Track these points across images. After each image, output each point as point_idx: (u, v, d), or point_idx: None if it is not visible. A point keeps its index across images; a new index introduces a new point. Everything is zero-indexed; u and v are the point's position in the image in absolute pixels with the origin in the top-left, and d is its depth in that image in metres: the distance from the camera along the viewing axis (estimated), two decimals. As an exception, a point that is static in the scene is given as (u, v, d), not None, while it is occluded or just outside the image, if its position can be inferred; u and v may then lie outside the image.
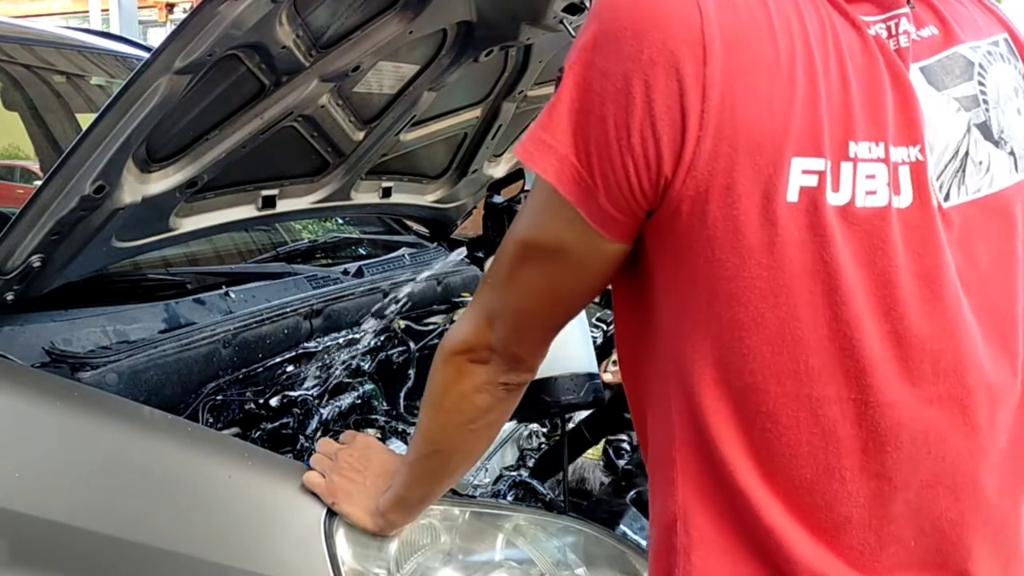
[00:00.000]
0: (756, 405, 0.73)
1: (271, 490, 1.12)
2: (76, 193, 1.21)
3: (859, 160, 0.70)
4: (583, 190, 0.73)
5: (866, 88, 0.72)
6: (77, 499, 1.13)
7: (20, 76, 2.29)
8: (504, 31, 1.66)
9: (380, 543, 1.08)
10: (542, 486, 1.48)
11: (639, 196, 0.72)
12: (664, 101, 0.68)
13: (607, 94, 0.70)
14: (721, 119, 0.68)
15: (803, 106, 0.69)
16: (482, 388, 0.89)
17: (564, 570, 1.15)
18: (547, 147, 0.74)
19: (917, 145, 0.72)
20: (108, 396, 1.24)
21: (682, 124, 0.68)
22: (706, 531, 0.76)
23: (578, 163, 0.73)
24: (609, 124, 0.70)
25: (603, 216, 0.74)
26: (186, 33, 1.14)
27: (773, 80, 0.69)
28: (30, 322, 1.34)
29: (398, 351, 1.93)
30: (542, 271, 0.81)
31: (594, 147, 0.72)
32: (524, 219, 0.82)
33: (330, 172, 1.88)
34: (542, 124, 0.74)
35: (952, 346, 0.73)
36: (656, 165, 0.70)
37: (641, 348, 0.83)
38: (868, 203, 0.70)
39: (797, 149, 0.68)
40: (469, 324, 0.89)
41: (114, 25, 11.15)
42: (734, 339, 0.72)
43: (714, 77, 0.67)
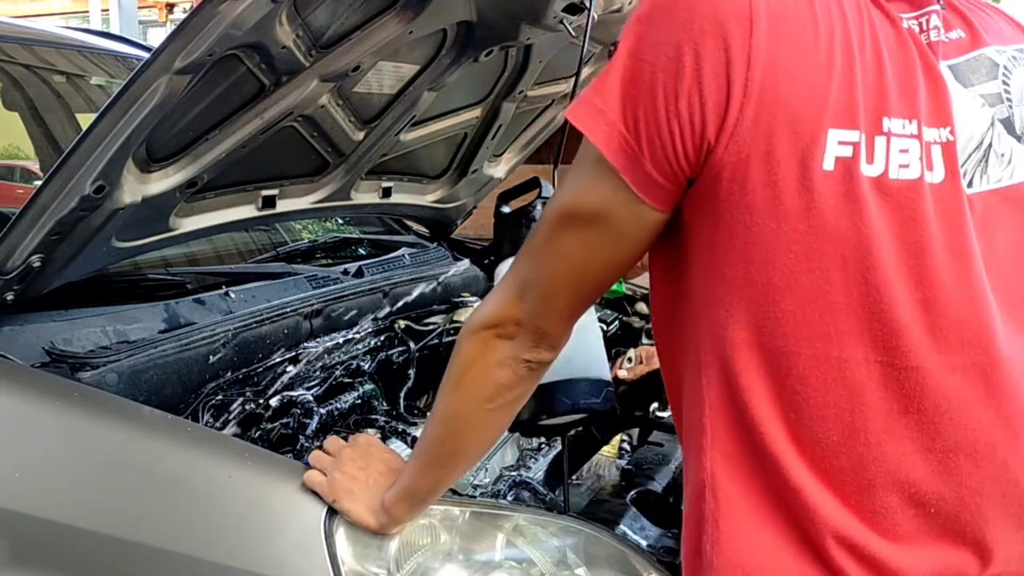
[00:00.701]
0: (787, 368, 0.76)
1: (271, 490, 1.12)
2: (76, 193, 1.21)
3: (892, 135, 0.74)
4: (629, 156, 0.77)
5: (900, 72, 0.76)
6: (77, 499, 1.13)
7: (20, 76, 2.29)
8: (504, 31, 1.66)
9: (380, 543, 1.08)
10: (542, 486, 1.48)
11: (683, 161, 0.76)
12: (712, 69, 0.72)
13: (658, 63, 0.74)
14: (764, 89, 0.72)
15: (840, 82, 0.73)
16: (505, 363, 0.91)
17: (564, 570, 1.15)
18: (597, 111, 0.78)
19: (948, 127, 0.77)
20: (108, 396, 1.24)
21: (727, 91, 0.72)
22: (733, 497, 0.79)
23: (625, 130, 0.76)
24: (658, 91, 0.74)
25: (647, 182, 0.77)
26: (186, 33, 1.14)
27: (813, 56, 0.73)
28: (30, 322, 1.34)
29: (398, 351, 1.93)
30: (581, 238, 0.83)
31: (642, 113, 0.75)
32: (567, 187, 0.85)
33: (330, 172, 1.88)
34: (595, 89, 0.78)
35: (977, 317, 0.76)
36: (701, 130, 0.74)
37: (676, 316, 0.87)
38: (901, 175, 0.74)
39: (834, 121, 0.73)
40: (499, 298, 0.91)
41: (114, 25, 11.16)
42: (768, 302, 0.76)
43: (759, 49, 0.72)
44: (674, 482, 1.56)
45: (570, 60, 1.90)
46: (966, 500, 0.78)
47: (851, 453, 0.77)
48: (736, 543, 0.79)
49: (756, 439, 0.78)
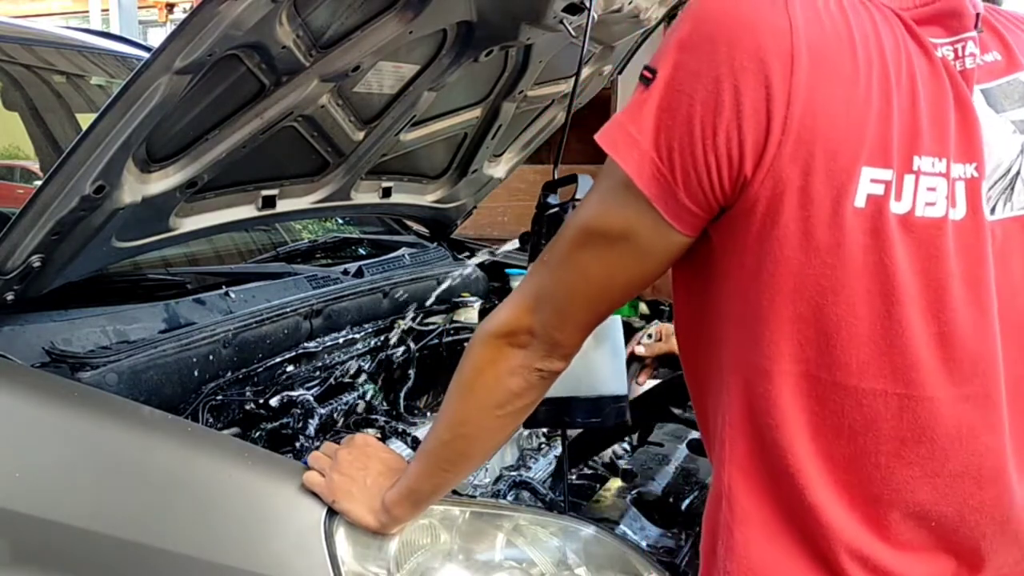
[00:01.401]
0: (808, 390, 0.79)
1: (271, 490, 1.12)
2: (76, 193, 1.21)
3: (922, 173, 0.75)
4: (661, 185, 0.77)
5: (933, 107, 0.76)
6: (77, 499, 1.13)
7: (20, 76, 2.29)
8: (504, 31, 1.66)
9: (380, 543, 1.08)
10: (542, 486, 1.48)
11: (718, 192, 0.77)
12: (752, 104, 0.73)
13: (696, 95, 0.74)
14: (803, 125, 0.72)
15: (876, 119, 0.74)
16: (517, 371, 0.92)
17: (564, 570, 1.15)
18: (631, 139, 0.77)
19: (974, 163, 0.78)
20: (108, 396, 1.24)
21: (767, 127, 0.73)
22: (748, 508, 0.82)
23: (658, 159, 0.77)
24: (696, 124, 0.74)
25: (679, 210, 0.78)
26: (186, 33, 1.14)
27: (852, 93, 0.74)
28: (30, 322, 1.34)
29: (398, 351, 1.93)
30: (602, 256, 0.84)
31: (677, 144, 0.75)
32: (591, 204, 0.85)
33: (330, 172, 1.88)
34: (630, 115, 0.78)
35: (990, 348, 0.79)
36: (739, 164, 0.74)
37: (701, 332, 0.88)
38: (927, 213, 0.75)
39: (868, 159, 0.73)
40: (513, 306, 0.92)
41: (114, 25, 11.15)
42: (793, 331, 0.78)
43: (799, 86, 0.72)
44: (674, 482, 1.56)
45: (570, 60, 1.90)
46: (967, 517, 0.81)
47: (860, 471, 0.79)
48: (750, 552, 0.82)
49: (772, 456, 0.81)
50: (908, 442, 0.79)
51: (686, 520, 1.43)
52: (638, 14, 1.76)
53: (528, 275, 0.92)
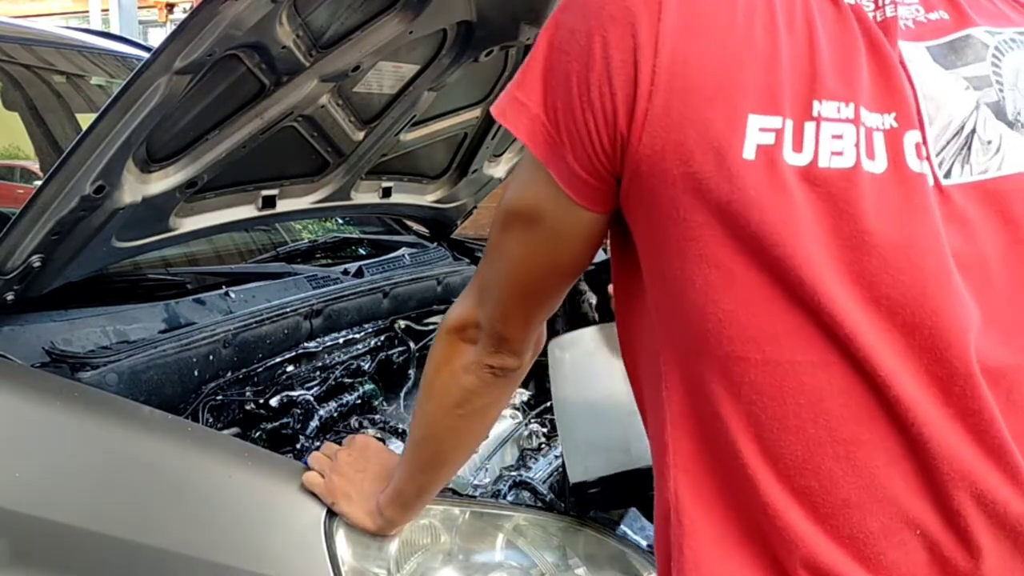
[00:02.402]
0: (740, 375, 0.70)
1: (271, 490, 1.12)
2: (76, 193, 1.21)
3: (823, 119, 0.69)
4: (551, 148, 0.75)
5: (837, 52, 0.71)
6: (77, 499, 1.13)
7: (20, 76, 2.29)
8: (504, 31, 1.66)
9: (380, 543, 1.08)
10: (542, 486, 1.48)
11: (601, 154, 0.73)
12: (620, 56, 0.70)
13: (572, 51, 0.72)
14: (672, 75, 0.69)
15: (761, 64, 0.69)
16: (469, 368, 0.90)
17: (564, 570, 1.15)
18: (520, 105, 0.76)
19: (893, 112, 0.71)
20: (108, 396, 1.24)
21: (635, 80, 0.69)
22: (698, 520, 0.73)
23: (547, 121, 0.74)
24: (572, 80, 0.72)
25: (571, 176, 0.75)
26: (186, 33, 1.14)
27: (728, 38, 0.69)
28: (30, 322, 1.34)
29: (398, 351, 1.93)
30: (522, 239, 0.82)
31: (560, 103, 0.73)
32: (510, 188, 0.83)
33: (330, 172, 1.88)
34: (516, 82, 0.76)
35: (932, 321, 0.68)
36: (612, 120, 0.71)
37: (632, 326, 0.83)
38: (834, 164, 0.68)
39: (754, 107, 0.68)
40: (464, 300, 0.90)
41: (114, 25, 11.15)
42: (708, 303, 0.70)
43: (667, 33, 0.69)
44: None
45: (570, 60, 1.90)
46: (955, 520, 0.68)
47: (819, 469, 0.69)
48: (702, 572, 0.72)
49: (719, 456, 0.72)
50: (863, 421, 0.68)
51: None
52: (638, 14, 1.75)
53: (478, 267, 0.90)
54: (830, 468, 0.68)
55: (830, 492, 0.69)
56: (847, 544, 0.69)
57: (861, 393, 0.68)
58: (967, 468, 0.67)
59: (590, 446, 1.25)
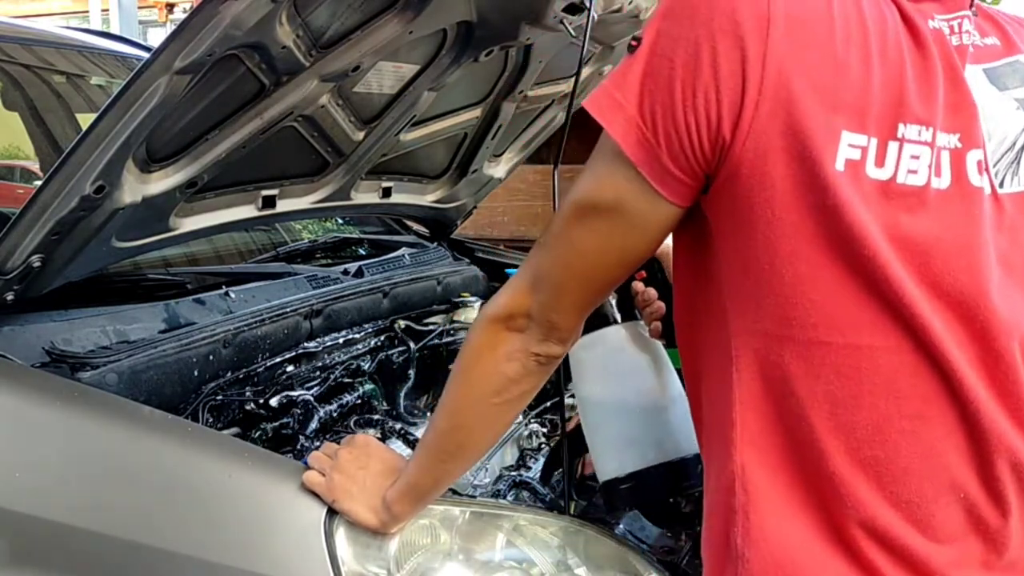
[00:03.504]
0: (821, 357, 0.78)
1: (271, 490, 1.12)
2: (76, 193, 1.21)
3: (906, 141, 0.77)
4: (646, 149, 0.79)
5: (921, 77, 0.78)
6: (77, 499, 1.13)
7: (20, 76, 2.29)
8: (504, 31, 1.66)
9: (380, 543, 1.08)
10: (542, 486, 1.48)
11: (699, 156, 0.78)
12: (728, 67, 0.75)
13: (677, 58, 0.77)
14: (778, 88, 0.74)
15: (854, 85, 0.76)
16: (514, 356, 0.93)
17: (564, 570, 1.15)
18: (616, 104, 0.80)
19: (957, 133, 0.79)
20: (108, 396, 1.24)
21: (742, 89, 0.75)
22: (764, 488, 0.81)
23: (642, 123, 0.79)
24: (676, 85, 0.77)
25: (664, 174, 0.80)
26: (186, 33, 1.14)
27: (827, 58, 0.75)
28: (30, 322, 1.34)
29: (398, 351, 1.93)
30: (597, 229, 0.85)
31: (659, 107, 0.78)
32: (585, 179, 0.86)
33: (330, 172, 1.88)
34: (615, 82, 0.80)
35: (984, 315, 0.78)
36: (717, 126, 0.76)
37: (699, 313, 0.88)
38: (909, 181, 0.77)
39: (847, 124, 0.75)
40: (511, 289, 0.92)
41: (114, 25, 11.16)
42: (796, 294, 0.78)
43: (775, 50, 0.75)
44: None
45: (570, 60, 1.90)
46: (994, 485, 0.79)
47: (886, 441, 0.78)
48: (767, 535, 0.80)
49: (790, 431, 0.80)
50: (930, 399, 0.78)
51: (686, 520, 1.43)
52: (638, 14, 1.76)
53: (528, 258, 0.93)
54: (896, 440, 0.78)
55: (894, 461, 0.78)
56: (903, 508, 0.79)
57: (929, 375, 0.78)
58: (1008, 440, 0.79)
59: (621, 443, 1.25)
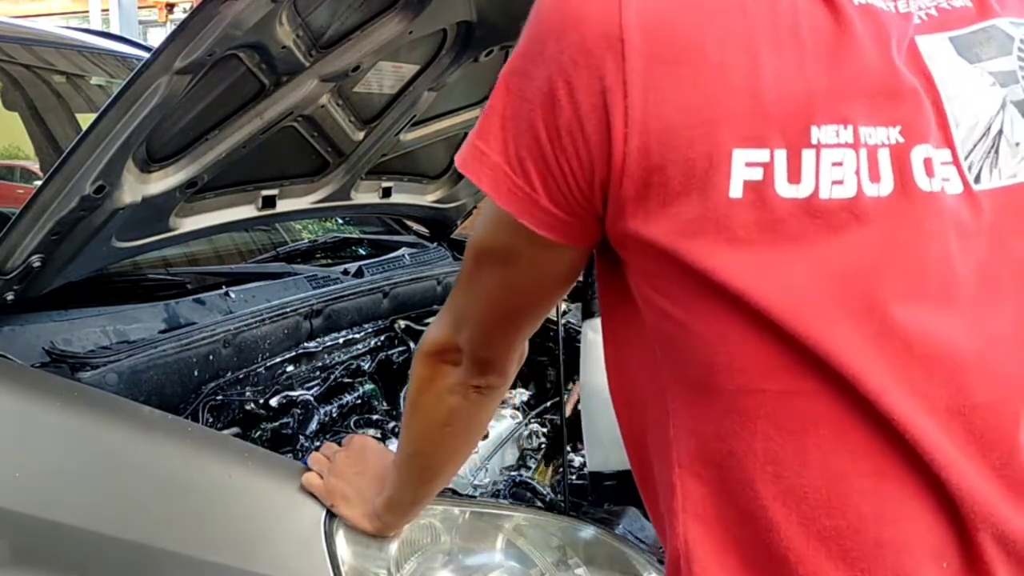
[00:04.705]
0: (755, 408, 0.66)
1: (271, 490, 1.12)
2: (76, 193, 1.21)
3: (823, 146, 0.63)
4: (520, 197, 0.70)
5: (835, 66, 0.64)
6: (77, 499, 1.13)
7: (20, 76, 2.29)
8: (504, 31, 1.66)
9: (380, 543, 1.08)
10: (542, 486, 1.48)
11: (579, 197, 0.69)
12: (588, 101, 0.65)
13: (535, 99, 0.68)
14: (647, 115, 0.64)
15: (740, 92, 0.63)
16: (454, 390, 0.89)
17: (564, 570, 1.15)
18: (481, 154, 0.71)
19: (898, 126, 0.65)
20: (108, 396, 1.24)
21: (607, 124, 0.65)
22: (710, 569, 0.68)
23: (511, 170, 0.70)
24: (539, 127, 0.68)
25: (547, 219, 0.71)
26: (186, 33, 1.14)
27: (701, 68, 0.63)
28: (30, 322, 1.34)
29: (398, 351, 1.93)
30: (499, 274, 0.79)
31: (527, 152, 0.69)
32: (479, 224, 0.80)
33: (330, 172, 1.88)
34: (478, 131, 0.72)
35: (949, 352, 0.64)
36: (589, 166, 0.67)
37: (627, 359, 0.78)
38: (835, 194, 0.63)
39: (737, 140, 0.62)
40: (440, 324, 0.88)
41: (114, 25, 11.17)
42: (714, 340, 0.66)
43: (634, 71, 0.64)
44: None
45: (570, 60, 1.90)
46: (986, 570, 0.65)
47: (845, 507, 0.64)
48: None
49: (734, 499, 0.67)
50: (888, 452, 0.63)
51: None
52: (638, 14, 1.76)
53: (451, 292, 0.87)
54: (857, 504, 0.64)
55: (860, 532, 0.64)
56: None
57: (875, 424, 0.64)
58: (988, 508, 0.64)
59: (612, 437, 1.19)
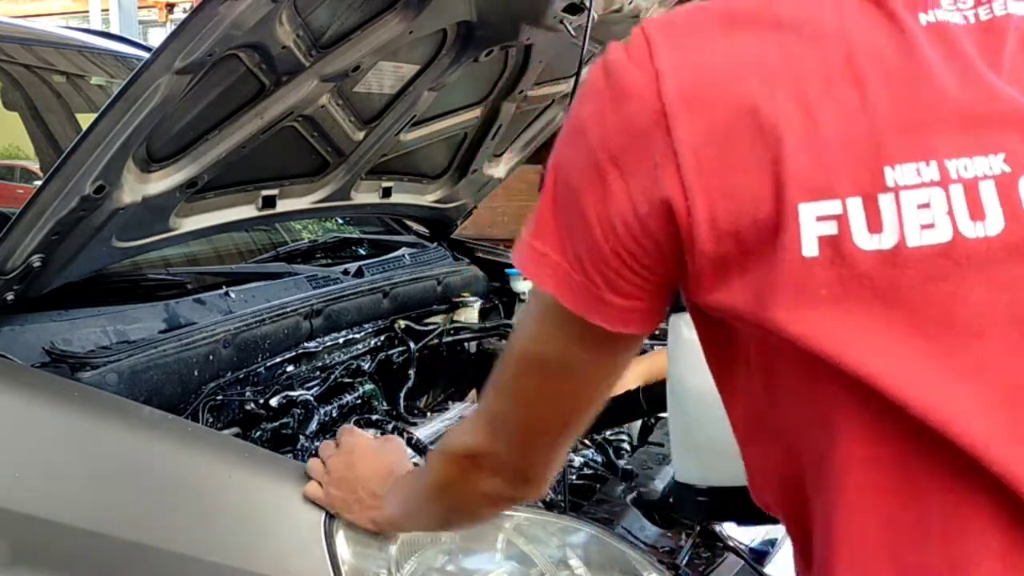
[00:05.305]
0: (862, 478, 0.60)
1: (271, 490, 1.12)
2: (76, 193, 1.21)
3: (902, 188, 0.57)
4: (585, 296, 0.65)
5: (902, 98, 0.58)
6: (77, 499, 1.13)
7: (20, 76, 2.29)
8: (504, 31, 1.66)
9: (380, 543, 1.08)
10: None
11: (650, 278, 0.64)
12: (640, 182, 0.61)
13: (583, 188, 0.64)
14: (705, 182, 0.59)
15: (799, 147, 0.58)
16: (487, 498, 0.83)
17: (564, 570, 1.15)
18: (538, 255, 0.67)
19: (1001, 153, 0.57)
20: (108, 396, 1.24)
21: (667, 200, 0.60)
22: None
23: (570, 267, 0.65)
24: (592, 217, 0.63)
25: (617, 312, 0.65)
26: (186, 33, 1.14)
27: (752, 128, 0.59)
28: (30, 322, 1.33)
29: (398, 351, 1.93)
30: (550, 383, 0.73)
31: (582, 245, 0.64)
32: (526, 329, 0.74)
33: (330, 172, 1.88)
34: (531, 229, 0.68)
35: None
36: (655, 248, 0.62)
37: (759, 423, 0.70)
38: (925, 240, 0.56)
39: (802, 194, 0.57)
40: (475, 429, 0.81)
41: (114, 25, 11.16)
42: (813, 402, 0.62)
43: (682, 143, 0.60)
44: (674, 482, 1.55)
45: (570, 60, 1.90)
46: None
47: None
48: None
49: None
50: None
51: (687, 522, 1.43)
52: (638, 14, 1.76)
53: (483, 396, 0.81)
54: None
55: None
56: None
57: None
58: None
59: (710, 449, 1.09)
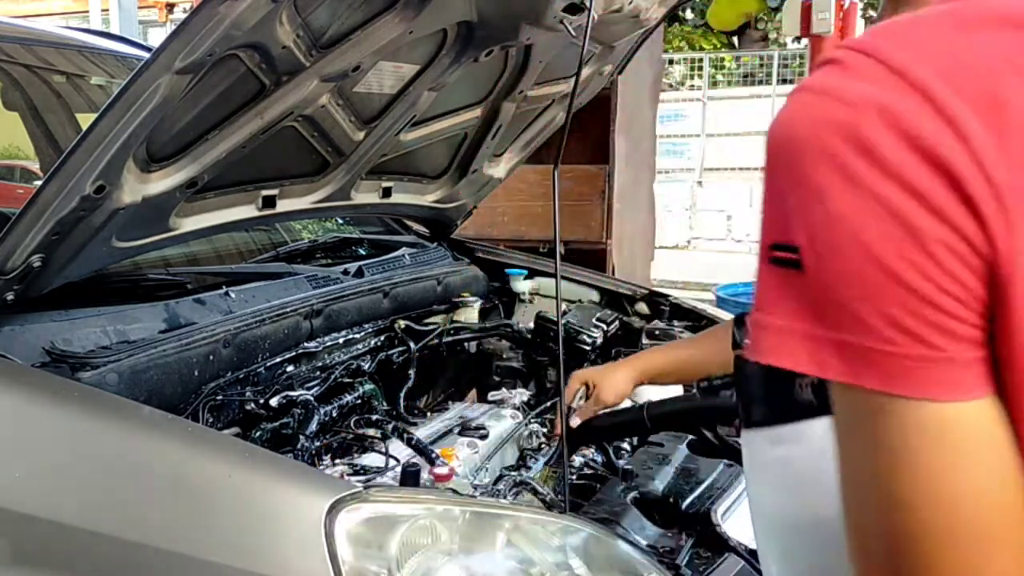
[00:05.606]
0: None
1: (271, 490, 1.12)
2: (76, 193, 1.21)
3: None
4: (911, 368, 0.50)
5: None
6: (77, 499, 1.13)
7: (20, 76, 2.29)
8: (504, 31, 1.66)
9: (380, 543, 1.08)
10: (542, 486, 1.48)
11: (975, 314, 0.50)
12: (945, 200, 0.49)
13: (872, 239, 0.50)
14: (1015, 185, 0.49)
15: None
16: None
17: (564, 570, 1.15)
18: (803, 337, 0.52)
19: None
20: (108, 396, 1.24)
21: (983, 219, 0.49)
22: None
23: (889, 345, 0.50)
24: (903, 273, 0.50)
25: (958, 372, 0.50)
26: (186, 33, 1.14)
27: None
28: (30, 322, 1.34)
29: (398, 351, 1.93)
30: None
31: (896, 309, 0.50)
32: (876, 492, 0.52)
33: (330, 172, 1.88)
34: (767, 309, 0.53)
35: None
36: (986, 275, 0.49)
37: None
38: None
39: None
40: None
41: (114, 25, 11.14)
42: None
43: (981, 147, 0.49)
44: (674, 482, 1.56)
45: (570, 60, 1.90)
46: None
47: None
48: None
49: None
50: None
51: (686, 520, 1.43)
52: (638, 14, 1.76)
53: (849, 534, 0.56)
54: None
55: None
56: None
57: None
58: None
59: (808, 572, 0.96)
